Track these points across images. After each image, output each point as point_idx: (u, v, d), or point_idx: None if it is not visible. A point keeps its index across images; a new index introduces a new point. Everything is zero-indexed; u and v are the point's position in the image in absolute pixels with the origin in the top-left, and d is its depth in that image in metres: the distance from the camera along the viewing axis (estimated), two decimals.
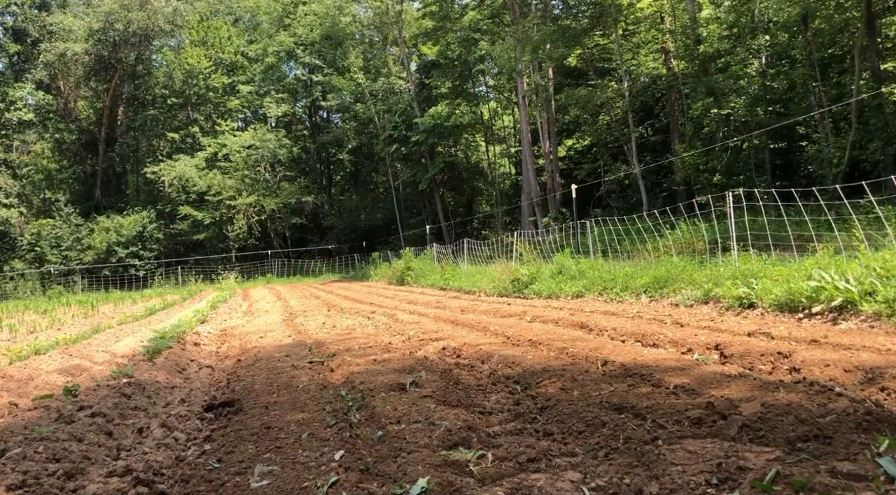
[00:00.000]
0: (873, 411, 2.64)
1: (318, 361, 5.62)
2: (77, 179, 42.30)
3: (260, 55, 41.17)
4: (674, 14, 23.98)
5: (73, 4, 42.62)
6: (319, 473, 2.54)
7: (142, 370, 5.21)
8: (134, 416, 3.71)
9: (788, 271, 7.00)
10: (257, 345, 7.28)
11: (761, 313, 6.43)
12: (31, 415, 3.65)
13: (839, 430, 2.46)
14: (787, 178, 20.10)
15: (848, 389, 3.23)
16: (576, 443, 2.71)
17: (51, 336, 9.30)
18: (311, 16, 38.06)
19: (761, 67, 20.99)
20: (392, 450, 2.70)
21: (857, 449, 2.27)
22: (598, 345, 5.20)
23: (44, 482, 2.49)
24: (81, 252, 36.94)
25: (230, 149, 39.11)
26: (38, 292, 33.32)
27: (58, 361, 6.06)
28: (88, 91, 41.93)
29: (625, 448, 2.53)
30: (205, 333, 8.87)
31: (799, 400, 2.95)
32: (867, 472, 2.02)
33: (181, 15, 41.15)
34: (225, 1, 45.82)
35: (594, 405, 3.23)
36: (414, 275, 20.34)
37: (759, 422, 2.63)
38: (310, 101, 42.51)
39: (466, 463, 2.49)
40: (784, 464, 2.15)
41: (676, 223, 13.40)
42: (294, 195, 39.43)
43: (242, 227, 39.26)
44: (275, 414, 3.65)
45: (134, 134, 42.44)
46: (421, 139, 32.15)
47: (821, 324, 5.59)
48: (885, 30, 17.89)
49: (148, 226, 37.74)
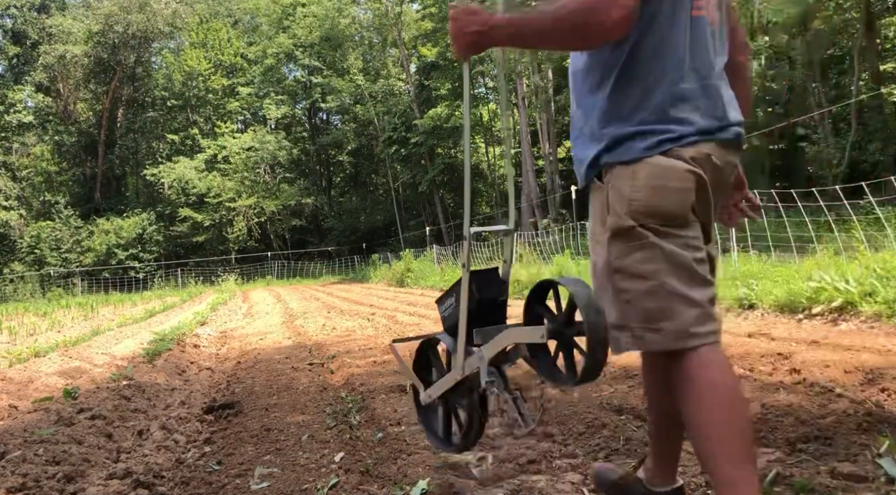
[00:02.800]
0: (874, 412, 2.64)
1: (318, 363, 5.62)
2: (77, 182, 42.29)
3: (259, 57, 41.17)
4: None
5: (72, 7, 42.66)
6: (320, 475, 2.54)
7: (142, 372, 5.20)
8: (134, 418, 3.71)
9: (788, 272, 7.00)
10: (257, 346, 7.28)
11: (761, 314, 6.43)
12: (30, 418, 3.65)
13: (839, 431, 2.46)
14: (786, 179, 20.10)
15: (848, 390, 3.23)
16: (576, 445, 2.70)
17: (50, 338, 9.30)
18: (310, 17, 38.06)
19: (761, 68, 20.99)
20: (392, 452, 2.70)
21: (858, 450, 2.27)
22: None
23: (43, 485, 2.49)
24: (81, 254, 36.92)
25: (230, 151, 39.08)
26: (37, 294, 33.30)
27: (57, 363, 6.06)
28: (88, 93, 41.93)
29: (625, 449, 2.53)
30: (204, 335, 8.87)
31: (799, 401, 2.95)
32: (867, 473, 2.02)
33: (181, 17, 41.17)
34: (224, 3, 45.86)
35: (595, 406, 3.23)
36: (414, 276, 20.32)
37: (760, 423, 2.63)
38: (309, 103, 42.52)
39: (467, 464, 2.49)
40: (784, 465, 2.15)
41: None
42: (294, 197, 39.41)
43: (242, 229, 39.25)
44: (275, 416, 3.65)
45: (133, 136, 42.43)
46: (420, 140, 32.15)
47: (821, 324, 5.58)
48: (884, 30, 17.90)
49: (148, 229, 37.72)
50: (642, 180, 1.49)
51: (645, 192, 1.49)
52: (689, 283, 1.48)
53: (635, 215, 1.49)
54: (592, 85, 1.60)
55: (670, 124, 1.50)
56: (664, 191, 1.49)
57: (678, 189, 1.49)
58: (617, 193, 1.52)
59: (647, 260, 1.49)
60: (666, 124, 1.50)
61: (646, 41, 1.51)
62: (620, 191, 1.52)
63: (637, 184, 1.50)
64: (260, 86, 41.03)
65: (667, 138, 1.49)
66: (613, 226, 1.52)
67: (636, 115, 1.52)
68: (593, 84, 1.59)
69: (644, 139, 1.50)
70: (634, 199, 1.49)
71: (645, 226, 1.49)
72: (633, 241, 1.50)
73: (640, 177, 1.49)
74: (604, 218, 1.56)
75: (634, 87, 1.52)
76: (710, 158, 1.52)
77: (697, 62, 1.53)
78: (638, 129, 1.51)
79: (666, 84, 1.51)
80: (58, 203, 38.51)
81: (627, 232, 1.50)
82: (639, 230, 1.49)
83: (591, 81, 1.60)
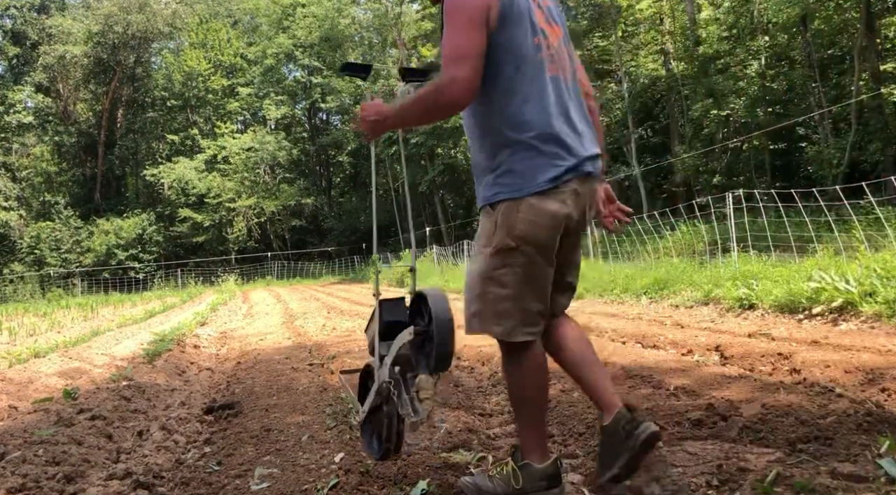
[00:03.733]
0: (874, 412, 2.64)
1: (319, 363, 5.62)
2: (76, 182, 42.28)
3: (259, 57, 41.13)
4: (673, 15, 24.00)
5: (72, 7, 42.65)
6: (320, 476, 2.53)
7: (141, 372, 5.20)
8: (134, 419, 3.71)
9: (788, 272, 7.00)
10: (257, 347, 7.28)
11: (761, 314, 6.43)
12: (30, 418, 3.64)
13: (840, 431, 2.45)
14: (786, 179, 20.10)
15: (848, 390, 3.23)
16: (576, 445, 2.71)
17: (50, 339, 9.29)
18: (309, 18, 38.05)
19: (761, 68, 21.00)
20: None
21: (858, 450, 2.27)
22: (599, 347, 5.15)
23: (43, 485, 2.49)
24: (81, 254, 36.91)
25: (229, 152, 39.05)
26: (37, 295, 33.30)
27: (57, 364, 6.05)
28: (88, 93, 41.91)
29: None
30: (204, 336, 8.87)
31: (799, 402, 2.95)
32: (868, 473, 2.02)
33: (180, 17, 41.16)
34: (224, 3, 45.84)
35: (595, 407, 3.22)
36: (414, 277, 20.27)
37: (760, 424, 2.63)
38: (309, 103, 42.48)
39: (467, 465, 2.49)
40: (785, 466, 2.15)
41: (676, 224, 13.40)
42: (294, 197, 39.39)
43: (242, 230, 39.22)
44: (275, 417, 3.64)
45: (133, 136, 42.41)
46: (420, 141, 32.13)
47: (821, 325, 5.58)
48: (884, 30, 17.89)
49: (147, 229, 37.71)
50: (525, 214, 1.91)
51: (525, 225, 1.91)
52: (533, 298, 1.97)
53: (516, 240, 1.92)
54: (478, 137, 2.02)
55: (543, 167, 1.91)
56: (539, 226, 1.91)
57: (550, 226, 1.93)
58: (505, 221, 1.93)
59: (512, 275, 1.94)
60: (544, 167, 1.91)
61: (511, 100, 1.93)
62: (508, 219, 1.93)
63: (521, 216, 1.91)
64: (260, 86, 41.00)
65: (546, 179, 1.91)
66: (498, 244, 1.94)
67: (516, 161, 1.93)
68: (478, 137, 2.02)
69: (529, 181, 1.91)
70: (517, 229, 1.91)
71: (520, 250, 1.92)
72: (508, 259, 1.94)
73: (524, 212, 1.91)
74: (490, 237, 1.97)
75: (510, 138, 1.93)
76: (576, 191, 1.95)
77: (560, 111, 1.96)
78: (522, 172, 1.92)
79: (535, 133, 1.92)
80: (58, 203, 38.49)
81: (507, 252, 1.93)
82: (516, 252, 1.93)
83: (477, 135, 2.03)
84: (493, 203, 1.97)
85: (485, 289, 1.98)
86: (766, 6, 19.00)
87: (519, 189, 1.92)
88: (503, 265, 1.95)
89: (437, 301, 2.04)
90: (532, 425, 2.05)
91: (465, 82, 1.83)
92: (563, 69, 2.03)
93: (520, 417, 2.08)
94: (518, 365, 2.02)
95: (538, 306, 2.00)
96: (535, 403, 2.04)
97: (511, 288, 1.95)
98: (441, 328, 1.99)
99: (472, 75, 1.84)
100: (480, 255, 2.01)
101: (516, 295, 1.95)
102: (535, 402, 2.04)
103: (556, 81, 1.99)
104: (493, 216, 1.97)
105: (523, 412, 2.05)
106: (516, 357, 2.02)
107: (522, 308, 1.96)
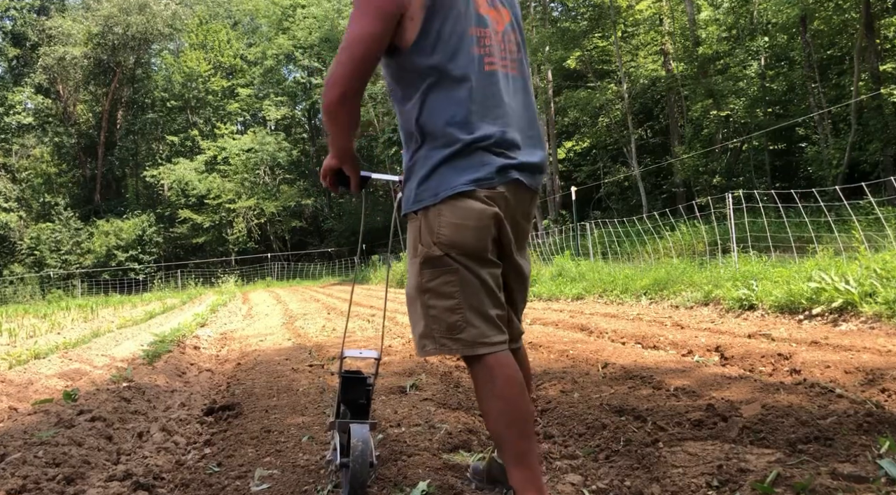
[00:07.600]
0: (874, 412, 2.64)
1: (319, 364, 5.62)
2: (76, 183, 42.31)
3: (259, 58, 41.17)
4: (673, 16, 24.02)
5: (72, 8, 42.68)
6: (320, 477, 2.53)
7: (141, 374, 5.20)
8: (134, 420, 3.71)
9: (788, 273, 7.00)
10: (257, 348, 7.27)
11: (762, 315, 6.43)
12: (30, 420, 3.64)
13: (840, 432, 2.45)
14: (786, 180, 20.11)
15: (848, 391, 3.23)
16: (576, 446, 2.70)
17: (50, 340, 9.29)
18: (309, 19, 38.08)
19: (760, 69, 21.02)
20: (392, 454, 2.70)
21: (858, 450, 2.27)
22: (599, 348, 5.20)
23: (43, 487, 2.49)
24: (81, 256, 36.92)
25: (229, 153, 39.08)
26: (37, 296, 33.32)
27: (57, 365, 6.04)
28: (87, 95, 41.96)
29: (625, 450, 2.53)
30: (204, 337, 8.86)
31: (800, 402, 2.95)
32: (868, 474, 2.02)
33: (180, 18, 41.20)
34: (224, 4, 45.87)
35: (595, 407, 3.22)
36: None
37: (760, 424, 2.63)
38: (309, 104, 42.50)
39: (467, 466, 2.49)
40: (785, 466, 2.15)
41: (676, 225, 13.40)
42: (294, 198, 39.40)
43: (242, 231, 39.23)
44: (275, 418, 3.64)
45: (133, 137, 42.43)
46: None
47: (821, 325, 5.58)
48: (883, 31, 17.91)
49: (147, 230, 37.72)
50: (447, 218, 1.76)
51: (449, 229, 1.76)
52: (482, 303, 1.78)
53: (442, 247, 1.76)
54: (404, 140, 1.88)
55: (469, 169, 1.76)
56: (464, 228, 1.75)
57: (476, 227, 1.76)
58: (428, 227, 1.79)
59: (450, 283, 1.77)
60: (466, 169, 1.76)
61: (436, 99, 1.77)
62: (430, 226, 1.78)
63: (443, 220, 1.76)
64: (259, 87, 41.04)
65: (467, 181, 1.75)
66: (424, 255, 1.79)
67: (440, 164, 1.77)
68: (405, 140, 1.88)
69: (449, 183, 1.76)
70: (441, 234, 1.76)
71: (449, 256, 1.76)
72: (440, 267, 1.78)
73: (446, 215, 1.76)
74: (416, 246, 1.82)
75: (434, 140, 1.78)
76: (504, 196, 1.80)
77: (493, 112, 1.79)
78: (444, 174, 1.77)
79: (461, 135, 1.75)
80: (57, 204, 38.52)
81: (436, 260, 1.78)
82: (445, 258, 1.77)
83: (403, 137, 1.89)
84: (416, 210, 1.82)
85: (425, 303, 1.80)
86: (766, 7, 19.03)
87: (442, 192, 1.76)
88: (438, 275, 1.78)
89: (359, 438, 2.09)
90: (520, 458, 1.78)
91: (340, 88, 1.72)
92: (506, 62, 1.85)
93: (506, 450, 1.80)
94: (490, 381, 1.77)
95: (494, 311, 1.80)
96: (517, 426, 1.77)
97: (455, 297, 1.77)
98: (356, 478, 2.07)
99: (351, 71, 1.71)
100: (411, 267, 1.84)
101: (464, 303, 1.77)
102: (518, 425, 1.77)
103: (491, 77, 1.80)
104: (417, 222, 1.82)
105: (508, 442, 1.78)
106: (486, 374, 1.78)
107: (476, 315, 1.77)
